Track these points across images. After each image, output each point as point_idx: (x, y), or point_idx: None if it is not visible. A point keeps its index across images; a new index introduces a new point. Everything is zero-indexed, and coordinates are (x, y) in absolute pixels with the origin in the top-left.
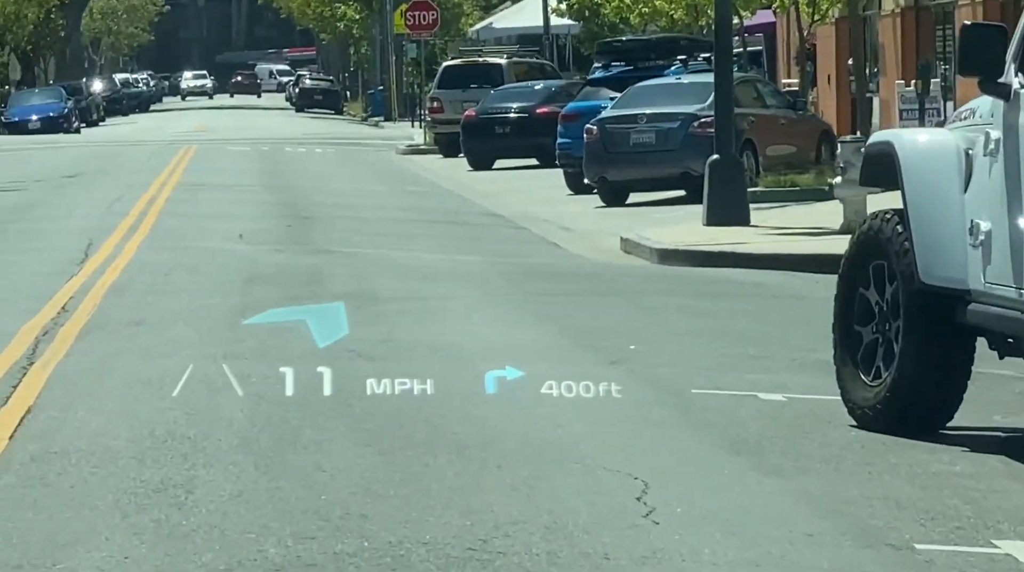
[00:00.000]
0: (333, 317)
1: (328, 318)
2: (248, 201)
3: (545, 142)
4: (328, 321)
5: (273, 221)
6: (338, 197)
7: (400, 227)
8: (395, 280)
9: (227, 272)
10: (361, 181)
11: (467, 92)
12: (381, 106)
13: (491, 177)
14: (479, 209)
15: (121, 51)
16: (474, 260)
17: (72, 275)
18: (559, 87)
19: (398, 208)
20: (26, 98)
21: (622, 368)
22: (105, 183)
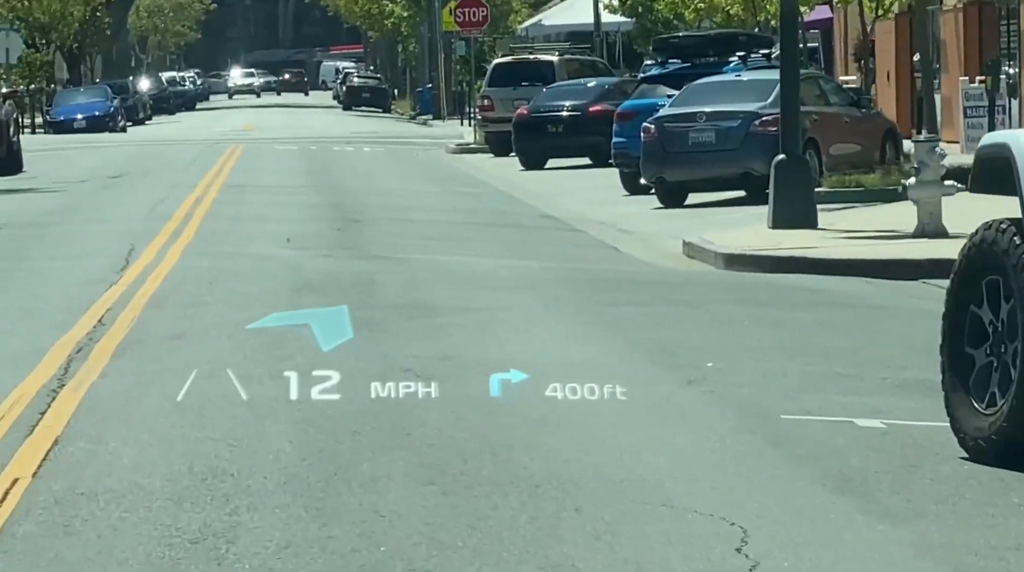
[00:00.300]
0: (337, 321)
1: (332, 322)
2: (295, 202)
3: (598, 141)
4: (332, 325)
5: (321, 224)
6: (387, 198)
7: (452, 230)
8: (450, 288)
9: (273, 280)
10: (411, 181)
11: (518, 90)
12: (430, 104)
13: (544, 177)
14: (533, 211)
15: (168, 50)
16: (531, 266)
17: (111, 284)
18: (612, 85)
19: (450, 210)
20: (71, 97)
21: (701, 389)
22: (149, 184)
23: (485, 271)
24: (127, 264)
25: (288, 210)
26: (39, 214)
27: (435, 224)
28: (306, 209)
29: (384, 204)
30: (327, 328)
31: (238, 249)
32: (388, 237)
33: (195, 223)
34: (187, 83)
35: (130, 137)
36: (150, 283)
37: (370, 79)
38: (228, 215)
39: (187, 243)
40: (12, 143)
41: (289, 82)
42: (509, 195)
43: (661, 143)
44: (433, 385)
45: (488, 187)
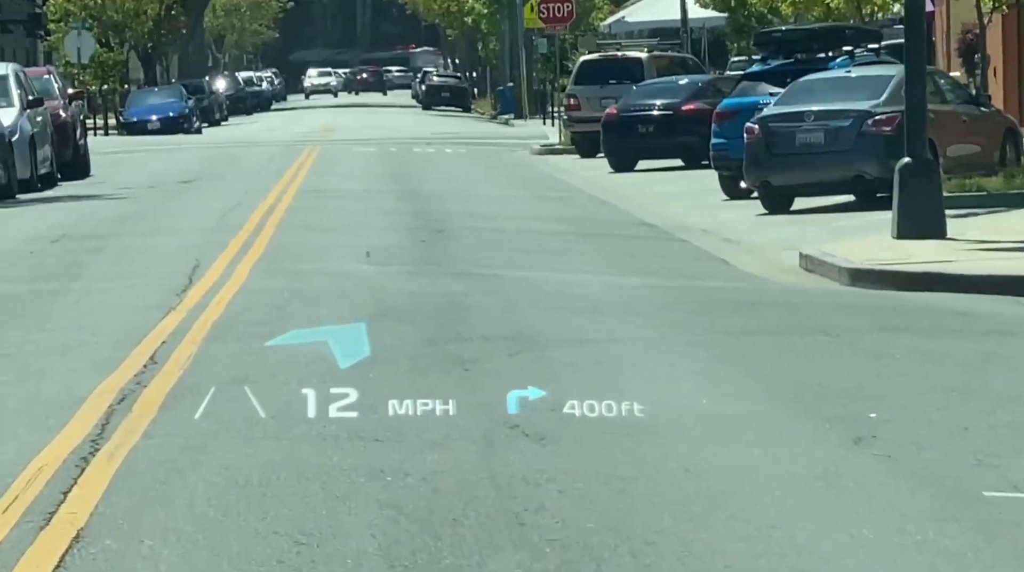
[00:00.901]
0: (354, 338)
1: (350, 339)
2: (375, 210)
3: (691, 141)
4: (350, 342)
5: (403, 234)
6: (473, 204)
7: (546, 241)
8: (552, 314)
9: (352, 304)
10: (496, 185)
11: (605, 88)
12: (511, 103)
13: (635, 180)
14: (629, 217)
15: (245, 49)
16: (637, 284)
17: (170, 309)
18: (705, 83)
19: (540, 217)
20: (145, 97)
21: (873, 451)
22: (221, 189)
23: (587, 291)
24: (190, 284)
25: (367, 218)
26: (100, 224)
27: (525, 234)
28: (386, 217)
29: (469, 211)
30: (345, 345)
31: (313, 265)
32: (476, 249)
33: (267, 234)
34: (264, 83)
35: (205, 139)
36: (213, 308)
37: (449, 78)
38: (302, 224)
39: (257, 258)
40: (79, 146)
41: (367, 81)
42: (601, 200)
43: (766, 144)
44: (546, 447)
45: (577, 191)
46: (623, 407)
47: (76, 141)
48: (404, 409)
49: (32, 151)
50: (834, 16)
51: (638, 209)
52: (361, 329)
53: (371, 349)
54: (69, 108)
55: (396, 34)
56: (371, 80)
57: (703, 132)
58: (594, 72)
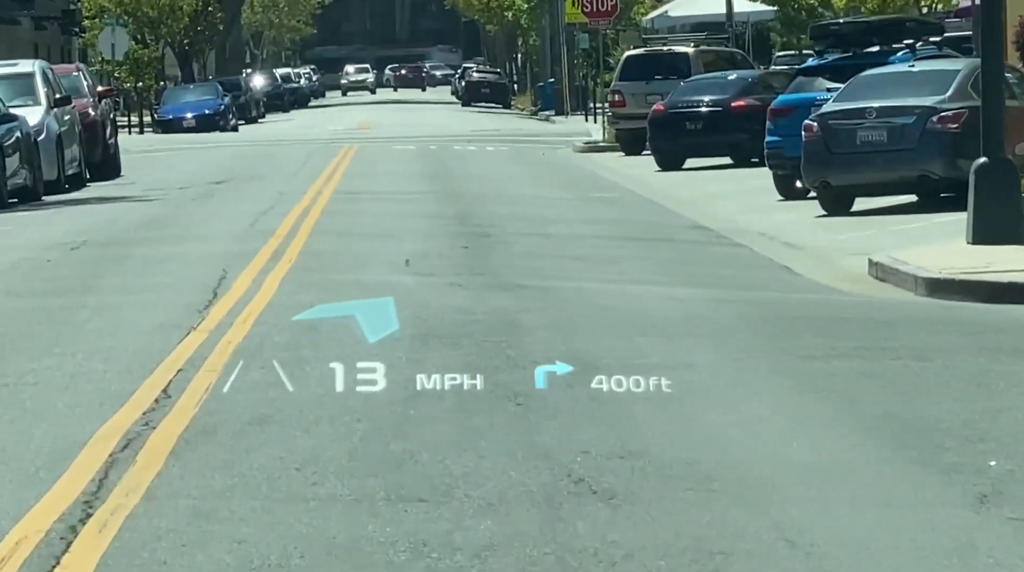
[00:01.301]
0: (382, 312)
1: (378, 313)
2: (415, 213)
3: (741, 139)
4: (378, 315)
5: (445, 240)
6: (517, 206)
7: (596, 246)
8: (611, 334)
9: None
10: (540, 185)
11: (651, 84)
12: (551, 99)
13: (683, 179)
14: (681, 220)
15: (283, 45)
16: (700, 296)
17: (190, 329)
18: (755, 78)
19: (588, 220)
20: (180, 95)
21: (1007, 512)
22: (254, 191)
23: (648, 306)
24: (214, 298)
25: (407, 222)
26: (126, 229)
27: (575, 239)
28: (427, 221)
29: (514, 214)
30: (372, 319)
31: (348, 276)
32: (524, 257)
33: (300, 241)
34: (302, 79)
35: (241, 137)
36: (237, 328)
37: (489, 74)
38: (338, 230)
39: (288, 268)
40: (108, 146)
41: (406, 77)
42: (650, 201)
43: (825, 143)
44: (618, 511)
45: (625, 191)
46: (705, 456)
47: (106, 140)
48: (451, 461)
49: (59, 151)
50: (890, 9)
51: (690, 210)
52: (389, 303)
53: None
54: (99, 106)
55: (434, 30)
56: (410, 76)
57: (753, 129)
58: (639, 67)
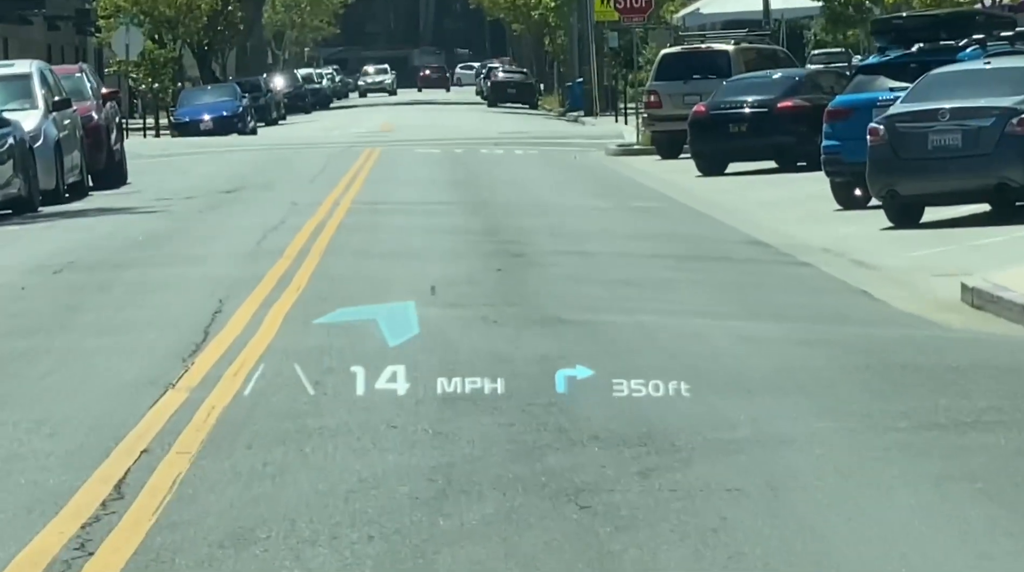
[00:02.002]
0: (403, 316)
1: (398, 317)
2: (440, 227)
3: (787, 142)
4: (398, 320)
5: (475, 261)
6: (552, 218)
7: (644, 267)
8: (682, 391)
9: (413, 375)
10: (574, 193)
11: (689, 84)
12: (580, 100)
13: (727, 185)
14: (734, 233)
15: (305, 45)
16: (776, 333)
17: (167, 387)
18: (802, 77)
19: (631, 235)
20: (197, 96)
21: None
22: (266, 201)
23: (718, 348)
24: (204, 339)
25: (431, 239)
26: (119, 247)
27: (620, 259)
28: (454, 237)
29: (550, 228)
30: (393, 323)
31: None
32: (564, 282)
33: (311, 263)
34: (324, 80)
35: (259, 140)
36: (225, 386)
37: (515, 74)
38: (355, 248)
39: (295, 298)
40: (113, 151)
41: (429, 78)
42: (695, 211)
43: (893, 148)
44: None
45: (667, 200)
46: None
47: (110, 146)
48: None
49: (58, 158)
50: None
51: (742, 222)
52: (410, 307)
53: (438, 452)
54: (103, 109)
55: (459, 30)
56: (434, 76)
57: (800, 131)
58: (676, 66)
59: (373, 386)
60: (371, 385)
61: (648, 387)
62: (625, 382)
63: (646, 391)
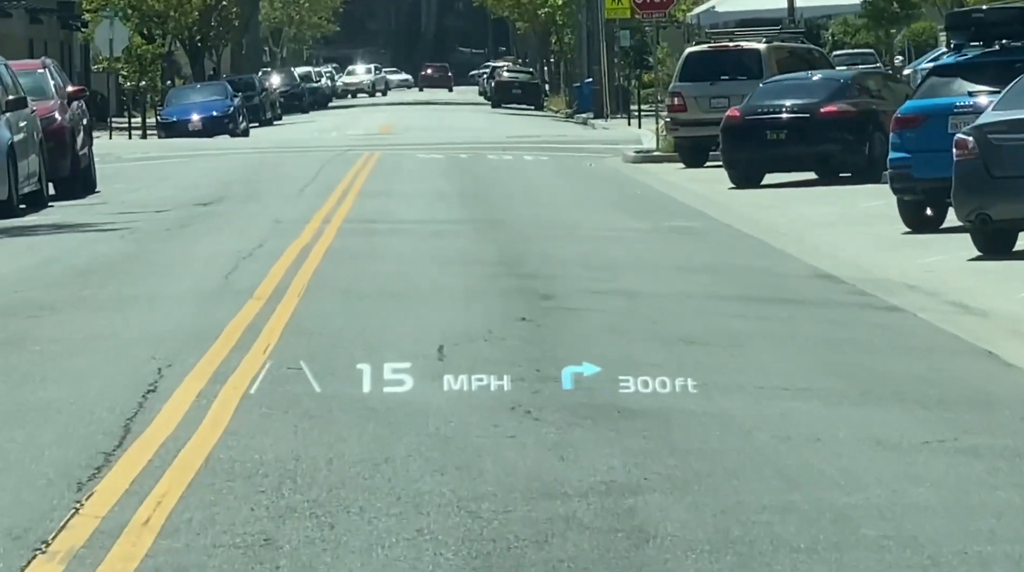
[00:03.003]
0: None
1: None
2: (447, 256)
3: (831, 150)
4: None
5: (493, 305)
6: (577, 243)
7: (703, 314)
8: (817, 552)
9: (409, 491)
10: (598, 209)
11: (716, 85)
12: (588, 100)
13: (767, 199)
14: (795, 264)
15: (304, 43)
16: (912, 429)
17: (35, 553)
18: (848, 79)
19: (678, 266)
20: (186, 95)
21: None
22: (246, 218)
23: (850, 467)
24: (118, 448)
25: (437, 272)
26: (55, 280)
27: (670, 302)
28: (464, 269)
29: (579, 257)
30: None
31: (347, 386)
32: (609, 338)
33: (287, 308)
34: (323, 79)
35: (251, 142)
36: (131, 538)
37: (521, 73)
38: (344, 285)
39: (259, 370)
40: (79, 157)
41: (431, 77)
42: (742, 233)
43: (984, 164)
44: None
45: (705, 218)
46: None
47: (76, 151)
48: None
49: (10, 165)
50: None
51: (798, 247)
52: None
53: None
54: (68, 110)
55: (462, 28)
56: (436, 76)
57: (845, 139)
58: (702, 66)
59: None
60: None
61: (759, 540)
62: (729, 538)
63: (757, 547)
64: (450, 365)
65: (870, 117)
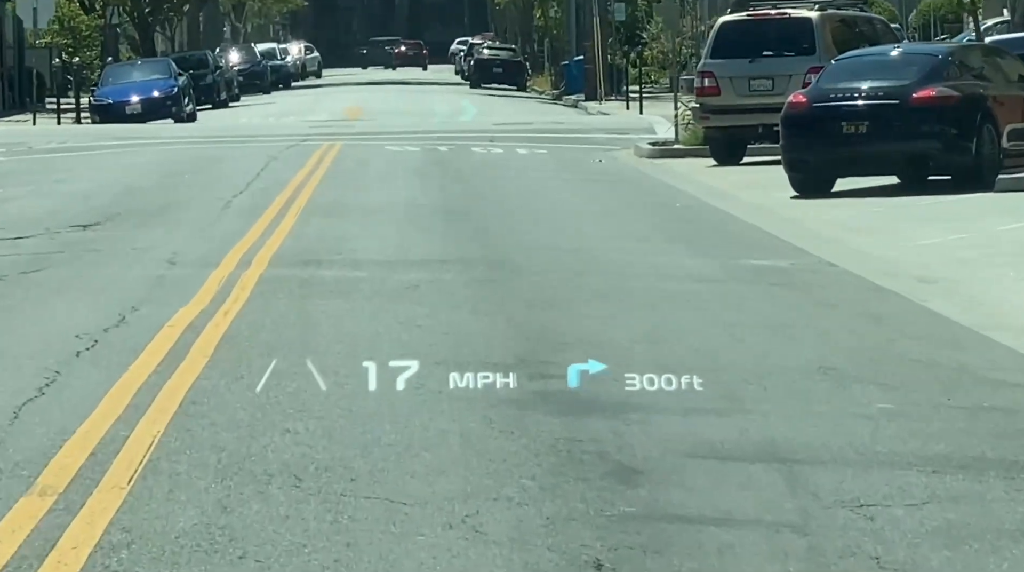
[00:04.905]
0: None
1: None
2: (425, 346)
3: (928, 148)
4: None
5: (514, 490)
6: (635, 312)
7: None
8: None
9: None
10: (633, 232)
11: (757, 63)
12: (578, 81)
13: (850, 214)
14: (997, 352)
15: (272, 19)
16: None
17: None
18: (946, 55)
19: (819, 368)
20: (123, 73)
21: None
22: (126, 257)
23: None
24: None
25: (411, 339)
26: None
27: (847, 471)
28: (456, 382)
29: (646, 347)
30: None
31: None
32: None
33: (106, 513)
34: (288, 57)
35: (195, 128)
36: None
37: (502, 51)
38: (230, 438)
39: None
40: None
41: (405, 55)
42: (863, 280)
43: None
44: None
45: (790, 249)
46: None
47: None
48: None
49: None
50: None
51: (978, 314)
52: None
53: None
54: None
55: (437, 4)
56: (410, 54)
57: (947, 134)
58: (739, 40)
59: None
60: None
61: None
62: None
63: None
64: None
65: (977, 104)
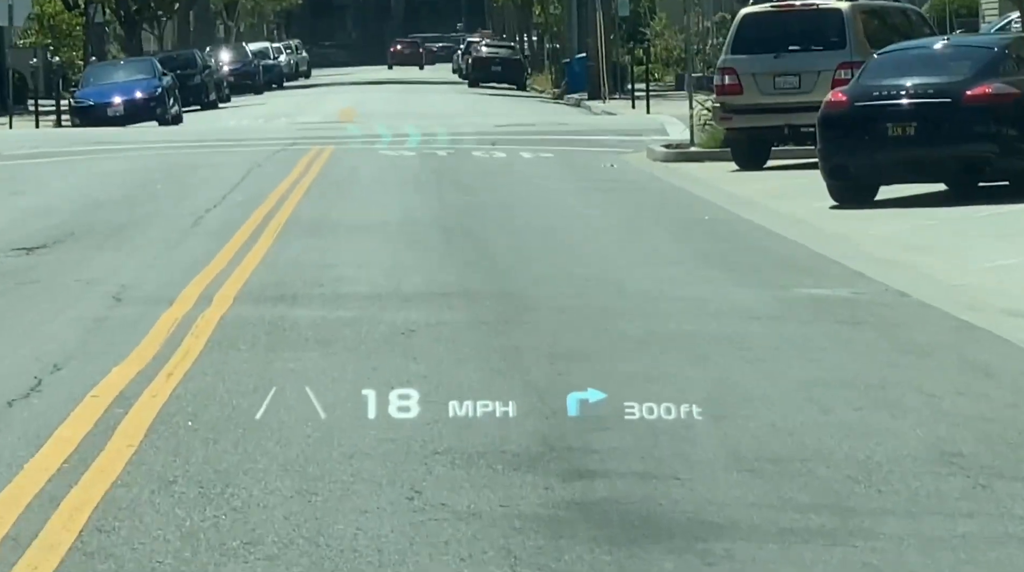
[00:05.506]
0: None
1: None
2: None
3: (984, 152)
4: None
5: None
6: (685, 367)
7: None
8: None
9: None
10: (669, 259)
11: (783, 59)
12: (580, 79)
13: (902, 228)
14: None
15: (267, 17)
16: None
17: None
18: (1002, 47)
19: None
20: (105, 73)
21: None
22: (66, 293)
23: None
24: None
25: (400, 434)
26: None
27: None
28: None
29: (707, 416)
30: None
31: None
32: None
33: None
34: (281, 56)
35: (179, 131)
36: None
37: (501, 48)
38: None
39: None
40: None
41: (402, 53)
42: (943, 313)
43: None
44: None
45: (849, 274)
46: None
47: None
48: None
49: None
50: None
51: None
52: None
53: None
54: None
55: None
56: (407, 52)
57: (1004, 136)
58: (763, 33)
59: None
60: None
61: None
62: None
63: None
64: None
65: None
